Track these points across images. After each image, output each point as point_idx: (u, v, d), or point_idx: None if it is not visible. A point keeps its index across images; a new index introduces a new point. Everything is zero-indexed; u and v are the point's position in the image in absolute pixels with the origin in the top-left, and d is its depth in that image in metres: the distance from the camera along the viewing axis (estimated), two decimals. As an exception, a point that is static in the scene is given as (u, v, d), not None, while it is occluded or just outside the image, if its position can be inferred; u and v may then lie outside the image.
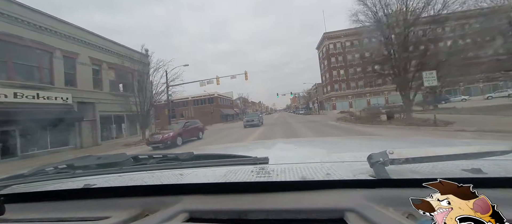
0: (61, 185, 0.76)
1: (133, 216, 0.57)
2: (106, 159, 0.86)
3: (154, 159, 0.84)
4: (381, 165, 0.57)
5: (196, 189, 0.63)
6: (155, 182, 0.72)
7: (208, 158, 0.83)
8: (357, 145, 1.50)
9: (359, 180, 0.59)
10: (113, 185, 0.71)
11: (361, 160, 0.72)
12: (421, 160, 0.57)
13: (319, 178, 0.61)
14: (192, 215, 0.55)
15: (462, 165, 0.60)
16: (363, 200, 0.51)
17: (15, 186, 0.77)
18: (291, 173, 0.67)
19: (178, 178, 0.73)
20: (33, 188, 0.75)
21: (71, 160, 0.89)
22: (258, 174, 0.68)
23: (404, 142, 1.58)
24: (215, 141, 12.47)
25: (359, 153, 0.90)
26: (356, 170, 0.65)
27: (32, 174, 0.80)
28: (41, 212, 0.66)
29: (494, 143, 1.15)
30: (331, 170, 0.66)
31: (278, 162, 0.82)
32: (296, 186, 0.58)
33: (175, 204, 0.58)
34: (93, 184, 0.71)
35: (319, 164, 0.75)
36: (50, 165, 0.85)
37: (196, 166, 0.80)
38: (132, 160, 0.83)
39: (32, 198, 0.71)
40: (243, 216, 0.53)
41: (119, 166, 0.78)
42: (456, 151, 0.56)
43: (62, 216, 0.62)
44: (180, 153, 0.86)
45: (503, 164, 0.63)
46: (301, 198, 0.55)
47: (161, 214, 0.55)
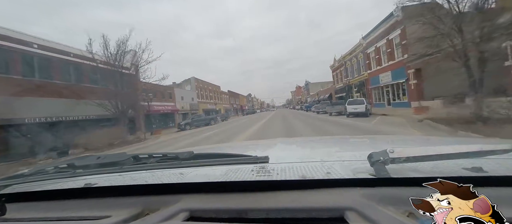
0: (61, 184, 0.76)
1: (133, 215, 0.58)
2: (107, 158, 0.86)
3: (154, 158, 0.84)
4: (382, 164, 0.57)
5: (196, 188, 0.63)
6: (156, 181, 0.72)
7: (208, 157, 0.84)
8: (357, 144, 1.48)
9: (359, 179, 0.58)
10: (114, 184, 0.71)
11: (361, 159, 0.71)
12: (422, 159, 0.57)
13: (319, 177, 0.61)
14: (192, 214, 0.55)
15: (463, 163, 0.59)
16: (363, 199, 0.50)
17: (16, 186, 0.77)
18: (291, 172, 0.67)
19: (179, 177, 0.73)
20: (34, 188, 0.75)
21: (71, 159, 0.90)
22: (258, 173, 0.68)
23: (405, 140, 1.55)
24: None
25: (359, 152, 0.89)
26: (356, 169, 0.65)
27: (33, 174, 0.81)
28: (42, 211, 0.66)
29: (495, 141, 1.13)
30: (331, 169, 0.66)
31: (278, 161, 0.82)
32: (296, 185, 0.58)
33: (176, 203, 0.58)
34: (94, 183, 0.71)
35: (319, 163, 0.75)
36: (51, 165, 0.86)
37: (196, 165, 0.79)
38: (132, 159, 0.83)
39: (33, 198, 0.71)
40: (244, 215, 0.53)
41: (119, 165, 0.79)
42: (457, 149, 0.56)
43: (63, 215, 0.63)
44: (180, 152, 0.85)
45: (504, 162, 0.62)
46: (301, 197, 0.54)
47: (161, 213, 0.56)
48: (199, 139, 12.63)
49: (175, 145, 12.18)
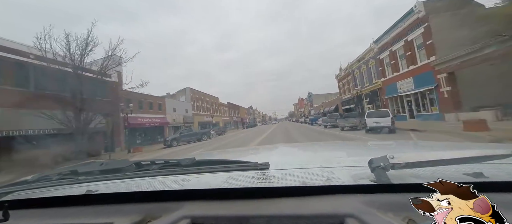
0: (63, 191, 0.77)
1: (135, 222, 0.58)
2: (109, 165, 0.88)
3: (156, 165, 0.86)
4: (382, 170, 0.57)
5: (198, 194, 0.64)
6: (157, 188, 0.72)
7: (209, 163, 0.86)
8: (357, 149, 1.50)
9: (360, 185, 0.59)
10: (116, 191, 0.72)
11: (361, 165, 0.72)
12: (422, 164, 0.57)
13: (319, 183, 0.62)
14: (194, 221, 0.56)
15: (464, 169, 0.60)
16: (363, 206, 0.51)
17: (19, 192, 0.77)
18: (292, 179, 0.67)
19: (180, 183, 0.73)
20: (36, 194, 0.76)
21: (74, 166, 0.91)
22: (259, 179, 0.68)
23: (404, 146, 1.63)
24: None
25: (359, 157, 0.91)
26: (356, 175, 0.66)
27: (36, 181, 0.83)
28: (44, 218, 0.66)
29: (494, 146, 1.18)
30: (331, 175, 0.67)
31: (278, 167, 0.83)
32: (296, 192, 0.59)
33: (177, 210, 0.59)
34: (96, 190, 0.72)
35: (320, 169, 0.76)
36: (53, 172, 0.88)
37: (198, 171, 0.80)
38: (134, 166, 0.85)
39: (36, 204, 0.72)
40: (245, 222, 0.54)
41: (121, 172, 0.81)
42: (457, 155, 0.57)
43: (65, 222, 0.63)
44: (182, 159, 0.87)
45: (505, 167, 0.63)
46: (302, 204, 0.55)
47: (163, 220, 0.56)
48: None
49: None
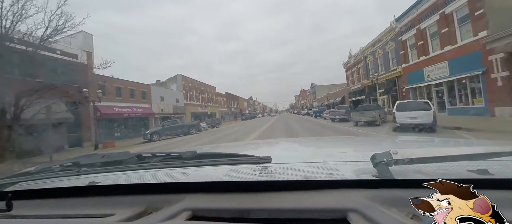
0: (66, 182, 0.77)
1: (137, 213, 0.58)
2: (111, 157, 0.87)
3: (158, 157, 0.86)
4: (385, 165, 0.57)
5: (199, 187, 0.64)
6: (159, 180, 0.73)
7: (211, 157, 0.86)
8: (360, 145, 1.50)
9: (362, 180, 0.59)
10: (118, 183, 0.72)
11: (364, 160, 0.71)
12: (426, 160, 0.57)
13: (321, 178, 0.61)
14: (195, 213, 0.56)
15: (468, 165, 0.59)
16: (366, 201, 0.51)
17: (22, 183, 0.78)
18: (294, 173, 0.66)
19: (181, 176, 0.73)
20: (39, 185, 0.76)
21: (76, 158, 0.91)
22: (261, 173, 0.68)
23: (408, 142, 1.59)
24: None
25: (362, 153, 0.93)
26: (359, 170, 0.66)
27: (39, 172, 0.82)
28: (47, 208, 0.67)
29: (501, 143, 1.13)
30: (334, 170, 0.66)
31: (280, 161, 0.82)
32: (298, 186, 0.59)
33: (178, 202, 0.59)
34: (98, 182, 0.72)
35: (322, 164, 0.75)
36: (56, 163, 0.88)
37: (199, 165, 0.80)
38: (136, 159, 0.85)
39: (39, 195, 0.73)
40: (246, 215, 0.54)
41: (123, 164, 0.80)
42: (462, 151, 0.55)
43: (67, 213, 0.63)
44: (183, 152, 0.86)
45: (511, 164, 0.62)
46: (304, 198, 0.55)
47: (164, 211, 0.56)
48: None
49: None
